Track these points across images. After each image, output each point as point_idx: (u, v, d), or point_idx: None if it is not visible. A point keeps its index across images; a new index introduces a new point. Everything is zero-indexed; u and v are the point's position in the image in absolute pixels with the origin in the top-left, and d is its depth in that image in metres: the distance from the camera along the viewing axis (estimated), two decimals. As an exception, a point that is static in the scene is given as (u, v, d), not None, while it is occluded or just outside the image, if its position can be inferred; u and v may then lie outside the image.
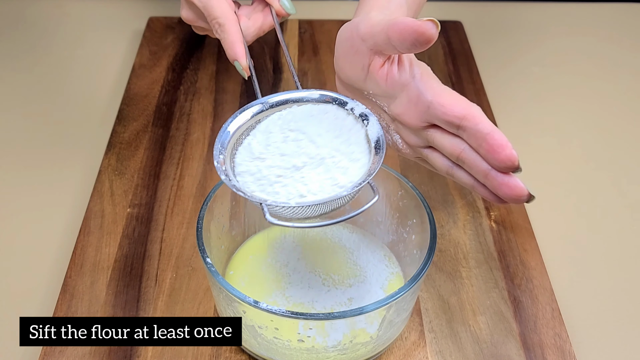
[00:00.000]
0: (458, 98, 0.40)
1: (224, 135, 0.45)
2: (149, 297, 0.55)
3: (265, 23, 0.57)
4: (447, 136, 0.42)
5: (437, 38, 0.38)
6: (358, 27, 0.44)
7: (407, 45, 0.39)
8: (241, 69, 0.54)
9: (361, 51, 0.44)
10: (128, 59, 0.83)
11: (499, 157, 0.38)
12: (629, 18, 0.95)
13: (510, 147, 0.38)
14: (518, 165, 0.38)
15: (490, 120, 0.39)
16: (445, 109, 0.40)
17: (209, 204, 0.50)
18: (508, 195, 0.39)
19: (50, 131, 0.74)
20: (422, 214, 0.50)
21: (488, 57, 0.84)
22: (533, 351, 0.52)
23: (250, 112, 0.47)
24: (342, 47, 0.46)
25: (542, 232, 0.62)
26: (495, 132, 0.38)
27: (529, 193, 0.39)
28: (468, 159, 0.41)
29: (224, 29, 0.54)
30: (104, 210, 0.62)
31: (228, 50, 0.55)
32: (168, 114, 0.73)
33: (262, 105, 0.47)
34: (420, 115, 0.42)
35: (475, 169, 0.41)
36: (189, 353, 0.51)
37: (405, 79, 0.42)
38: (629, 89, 0.82)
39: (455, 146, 0.41)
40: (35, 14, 0.91)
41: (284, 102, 0.48)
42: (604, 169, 0.71)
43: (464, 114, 0.39)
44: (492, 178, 0.40)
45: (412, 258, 0.52)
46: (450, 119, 0.40)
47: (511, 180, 0.39)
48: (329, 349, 0.47)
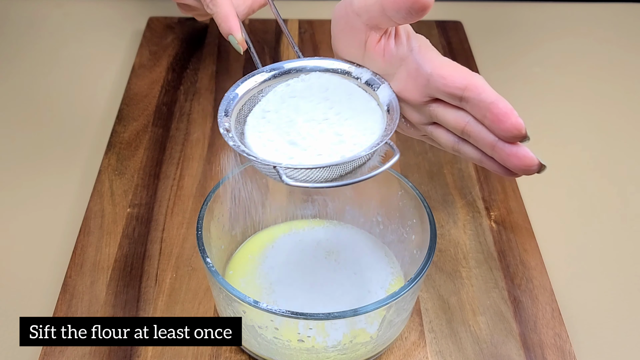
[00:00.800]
0: (459, 68, 0.39)
1: (227, 101, 0.44)
2: (149, 297, 0.55)
3: (256, 2, 0.56)
4: (450, 110, 0.40)
5: (432, 4, 0.36)
6: (352, 3, 0.42)
7: (402, 15, 0.38)
8: (236, 42, 0.53)
9: (357, 27, 0.42)
10: (128, 59, 0.83)
11: (504, 126, 0.37)
12: (629, 18, 0.95)
13: (515, 114, 0.37)
14: (525, 134, 0.37)
15: (493, 89, 0.38)
16: (445, 80, 0.39)
17: (209, 204, 0.50)
18: (517, 166, 0.38)
19: (50, 131, 0.73)
20: (422, 214, 0.50)
21: (488, 57, 0.84)
22: (533, 351, 0.52)
23: (254, 80, 0.46)
24: (338, 25, 0.44)
25: (542, 232, 0.62)
26: (499, 100, 0.37)
27: (539, 162, 0.38)
28: (473, 132, 0.39)
29: (215, 2, 0.53)
30: (104, 210, 0.62)
31: (222, 24, 0.53)
32: (168, 114, 0.73)
33: (265, 74, 0.46)
34: (421, 90, 0.40)
35: (482, 142, 0.39)
36: (189, 353, 0.51)
37: (402, 53, 0.41)
38: (629, 89, 0.82)
39: (459, 119, 0.40)
40: (34, 13, 0.91)
41: (287, 71, 0.46)
42: (604, 169, 0.71)
43: (465, 84, 0.38)
44: (499, 149, 0.38)
45: (412, 258, 0.52)
46: (452, 91, 0.39)
47: (520, 150, 0.38)
48: (329, 349, 0.47)
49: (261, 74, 0.46)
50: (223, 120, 0.43)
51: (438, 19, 0.87)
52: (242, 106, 0.45)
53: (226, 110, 0.43)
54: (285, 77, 0.47)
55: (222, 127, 0.42)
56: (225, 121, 0.43)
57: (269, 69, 0.46)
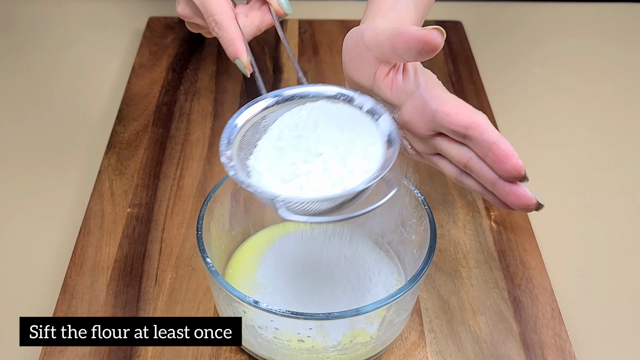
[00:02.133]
0: (463, 106, 0.40)
1: (230, 129, 0.44)
2: (149, 297, 0.55)
3: (263, 22, 0.56)
4: (454, 145, 0.42)
5: (442, 45, 0.38)
6: (363, 36, 0.43)
7: (413, 54, 0.39)
8: (243, 66, 0.53)
9: (367, 59, 0.43)
10: (128, 59, 0.83)
11: (504, 167, 0.38)
12: (629, 18, 0.95)
13: (516, 156, 0.38)
14: (524, 175, 0.38)
15: (495, 129, 0.39)
16: (450, 118, 0.40)
17: (209, 204, 0.50)
18: (516, 204, 0.39)
19: (50, 131, 0.73)
20: (422, 214, 0.50)
21: (488, 57, 0.84)
22: (533, 351, 0.52)
23: (257, 107, 0.46)
24: (349, 54, 0.46)
25: (542, 232, 0.62)
26: (500, 141, 0.38)
27: (537, 202, 0.39)
28: (475, 168, 0.41)
29: (221, 26, 0.53)
30: (104, 210, 0.62)
31: (228, 48, 0.53)
32: (168, 114, 0.73)
33: (268, 100, 0.46)
34: (426, 124, 0.42)
35: (483, 178, 0.41)
36: (189, 353, 0.51)
37: (409, 88, 0.42)
38: (629, 89, 0.82)
39: (462, 155, 0.41)
40: (35, 13, 0.91)
41: (290, 97, 0.46)
42: (605, 169, 0.71)
43: (469, 122, 0.39)
44: (499, 187, 0.39)
45: (412, 258, 0.52)
46: (456, 128, 0.40)
47: (519, 189, 0.39)
48: (329, 349, 0.47)
49: (264, 100, 0.46)
50: (225, 148, 0.43)
51: (438, 19, 0.87)
52: (245, 133, 0.45)
53: (229, 139, 0.44)
54: (289, 104, 0.47)
55: (223, 155, 0.42)
56: (226, 149, 0.43)
57: (272, 95, 0.46)
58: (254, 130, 0.46)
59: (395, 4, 0.47)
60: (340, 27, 0.87)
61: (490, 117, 0.72)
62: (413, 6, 0.47)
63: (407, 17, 0.47)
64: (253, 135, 0.46)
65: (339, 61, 0.81)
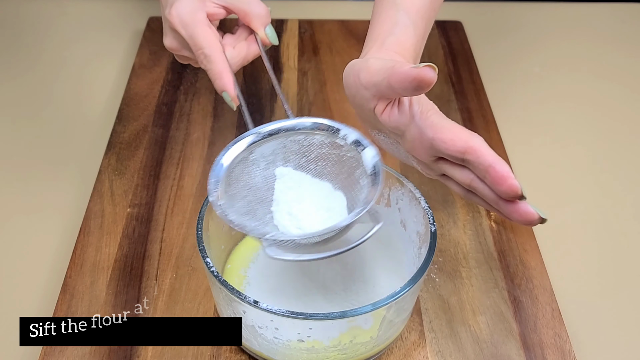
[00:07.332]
0: (458, 132, 0.41)
1: (218, 168, 0.45)
2: (149, 297, 0.55)
3: (250, 52, 0.57)
4: (456, 168, 0.43)
5: (436, 79, 0.39)
6: (359, 76, 0.45)
7: (409, 91, 0.41)
8: (229, 99, 0.54)
9: (366, 97, 0.45)
10: (128, 59, 0.83)
11: (501, 189, 0.39)
12: (629, 18, 0.95)
13: (512, 177, 0.39)
14: (521, 194, 0.39)
15: (492, 151, 0.40)
16: (447, 144, 0.41)
17: (209, 204, 0.50)
18: (519, 220, 0.41)
19: (50, 131, 0.74)
20: (422, 214, 0.50)
21: (488, 57, 0.84)
22: (533, 351, 0.52)
23: (243, 143, 0.47)
24: (349, 91, 0.47)
25: (542, 232, 0.62)
26: (496, 164, 0.39)
27: (539, 217, 0.40)
28: (478, 188, 0.42)
29: (210, 59, 0.53)
30: (104, 210, 0.62)
31: (216, 81, 0.54)
32: (168, 114, 0.73)
33: (254, 135, 0.47)
34: (427, 151, 0.43)
35: (486, 197, 0.42)
36: (189, 353, 0.51)
37: (405, 120, 0.44)
38: (629, 89, 0.82)
39: (464, 176, 0.42)
40: (34, 13, 0.91)
41: (276, 131, 0.48)
42: (604, 169, 0.71)
43: (465, 147, 0.40)
44: (502, 205, 0.41)
45: (412, 258, 0.52)
46: (453, 154, 0.41)
47: (520, 206, 0.40)
48: (329, 349, 0.47)
49: (251, 136, 0.47)
50: (213, 187, 0.44)
51: (438, 19, 0.87)
52: (233, 169, 0.46)
53: (217, 177, 0.45)
54: (275, 138, 0.48)
55: (212, 195, 0.44)
56: (215, 188, 0.44)
57: (258, 130, 0.47)
58: (243, 165, 0.47)
59: (394, 27, 0.48)
60: (340, 27, 0.87)
61: (490, 118, 0.72)
62: (412, 27, 0.49)
63: (406, 40, 0.48)
64: (242, 170, 0.47)
65: (339, 61, 0.81)
